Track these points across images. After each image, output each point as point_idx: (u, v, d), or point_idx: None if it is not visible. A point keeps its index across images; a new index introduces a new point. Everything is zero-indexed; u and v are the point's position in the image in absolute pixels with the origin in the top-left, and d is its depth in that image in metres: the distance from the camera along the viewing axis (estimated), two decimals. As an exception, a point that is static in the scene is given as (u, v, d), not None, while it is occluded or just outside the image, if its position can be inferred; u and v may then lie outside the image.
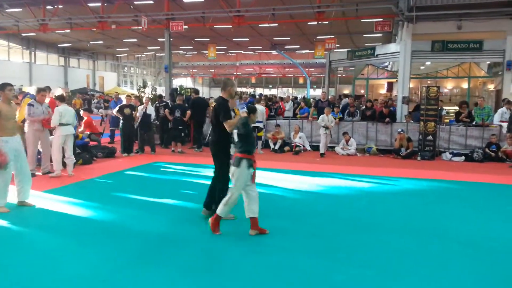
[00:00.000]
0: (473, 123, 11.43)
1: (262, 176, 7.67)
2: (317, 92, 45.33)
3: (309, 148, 12.21)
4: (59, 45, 36.19)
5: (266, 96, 20.31)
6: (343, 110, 12.91)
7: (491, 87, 18.65)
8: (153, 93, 15.67)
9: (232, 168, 4.62)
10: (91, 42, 34.22)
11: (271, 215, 5.50)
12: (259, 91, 50.29)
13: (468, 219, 5.53)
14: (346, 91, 29.37)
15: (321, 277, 3.62)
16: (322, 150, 11.01)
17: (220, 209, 4.64)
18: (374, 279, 3.60)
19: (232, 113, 5.09)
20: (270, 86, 56.59)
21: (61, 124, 7.55)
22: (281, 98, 17.90)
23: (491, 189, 7.49)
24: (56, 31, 25.27)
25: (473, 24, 14.55)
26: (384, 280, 3.59)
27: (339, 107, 13.12)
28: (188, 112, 11.49)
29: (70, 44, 35.82)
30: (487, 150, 10.66)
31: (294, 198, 6.55)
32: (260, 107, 11.17)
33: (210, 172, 5.53)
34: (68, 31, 24.49)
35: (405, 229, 5.03)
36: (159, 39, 28.13)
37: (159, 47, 35.29)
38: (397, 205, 6.21)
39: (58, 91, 13.67)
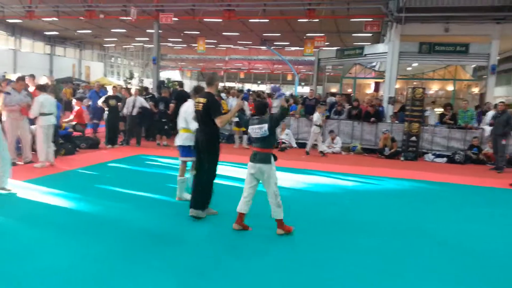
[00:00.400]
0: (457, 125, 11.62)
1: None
2: (305, 90, 45.49)
3: (295, 145, 12.26)
4: (45, 33, 35.50)
5: (254, 91, 20.30)
6: (330, 108, 12.98)
7: (475, 90, 18.97)
8: (140, 85, 15.52)
9: (264, 167, 4.53)
10: (78, 31, 33.65)
11: (253, 212, 5.52)
12: (247, 86, 50.19)
13: (448, 220, 5.63)
14: (333, 90, 29.51)
15: (305, 275, 3.66)
16: (308, 148, 11.04)
17: (278, 213, 4.59)
18: (354, 278, 3.65)
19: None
20: (259, 82, 56.56)
21: (42, 114, 7.42)
22: (269, 95, 17.90)
23: (472, 191, 7.64)
24: (43, 19, 24.77)
25: (460, 27, 14.76)
26: (364, 279, 3.64)
27: (325, 104, 13.19)
28: (171, 105, 11.35)
29: (56, 32, 35.16)
30: (468, 152, 10.86)
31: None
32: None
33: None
34: (55, 19, 24.03)
35: (385, 228, 5.10)
36: (148, 31, 27.82)
37: (147, 39, 34.88)
38: (379, 204, 6.29)
39: (42, 80, 13.43)
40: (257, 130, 4.58)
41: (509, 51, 23.63)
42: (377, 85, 20.79)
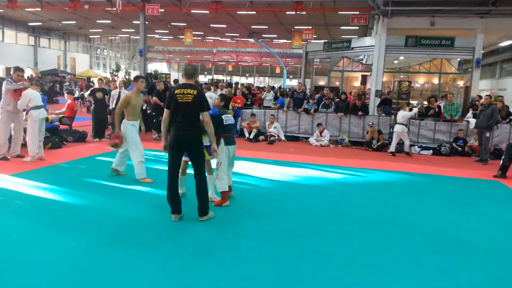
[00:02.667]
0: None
1: (236, 166, 7.71)
2: (293, 82, 45.56)
3: (283, 138, 12.31)
4: (29, 24, 34.76)
5: (242, 84, 20.26)
6: (318, 102, 13.04)
7: (460, 83, 19.26)
8: (127, 77, 15.37)
9: (234, 146, 5.55)
10: (63, 22, 33.04)
11: (243, 203, 5.56)
12: (235, 79, 50.03)
13: (433, 211, 5.74)
14: (321, 83, 29.62)
15: (289, 265, 3.71)
16: (393, 148, 10.68)
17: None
18: (340, 268, 3.72)
19: None
20: (247, 75, 56.41)
21: (34, 108, 7.34)
22: (258, 88, 17.91)
23: (457, 183, 7.79)
24: (26, 9, 24.24)
25: (445, 21, 14.94)
26: (350, 269, 3.71)
27: (314, 98, 13.26)
28: (155, 98, 11.22)
29: (40, 23, 34.46)
30: (454, 144, 11.05)
31: (267, 187, 6.62)
32: (209, 93, 11.37)
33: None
34: (39, 9, 23.54)
35: (373, 219, 5.18)
36: (134, 22, 27.47)
37: (134, 30, 34.45)
38: (367, 196, 6.37)
39: (27, 72, 13.18)
40: (228, 118, 5.48)
41: (493, 45, 24.01)
42: (364, 78, 20.96)
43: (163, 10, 19.52)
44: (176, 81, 14.73)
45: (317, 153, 10.35)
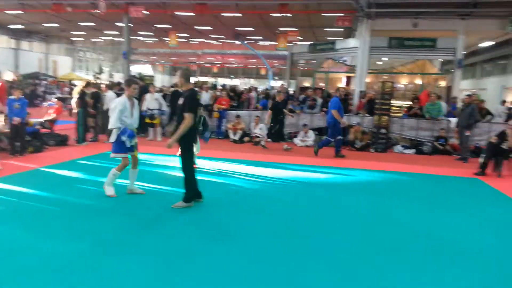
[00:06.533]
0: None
1: (221, 167, 7.70)
2: (279, 84, 45.55)
3: (269, 139, 12.32)
4: (10, 26, 34.11)
5: (230, 86, 20.30)
6: (302, 102, 13.11)
7: (442, 83, 19.58)
8: (111, 80, 15.20)
9: None
10: (45, 25, 32.51)
11: (226, 205, 5.57)
12: (221, 81, 49.93)
13: (416, 208, 5.84)
14: (306, 84, 29.77)
15: (276, 264, 3.72)
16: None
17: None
18: (326, 266, 3.75)
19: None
20: (232, 76, 56.35)
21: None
22: (247, 90, 17.95)
23: (439, 181, 7.92)
24: (7, 11, 23.80)
25: (428, 23, 15.17)
26: (334, 266, 3.75)
27: (297, 100, 13.36)
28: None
29: (22, 26, 33.84)
30: (436, 143, 11.23)
31: (252, 188, 6.63)
32: (156, 95, 11.49)
33: (167, 162, 5.49)
34: (20, 12, 23.13)
35: (356, 218, 5.25)
36: (118, 24, 27.20)
37: (117, 32, 34.09)
38: (350, 195, 6.43)
39: (8, 75, 12.93)
40: None
41: (474, 46, 24.48)
42: (349, 79, 21.14)
43: (147, 12, 19.37)
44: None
45: (302, 153, 10.40)
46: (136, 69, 39.60)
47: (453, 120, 11.16)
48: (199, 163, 7.47)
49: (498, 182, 7.74)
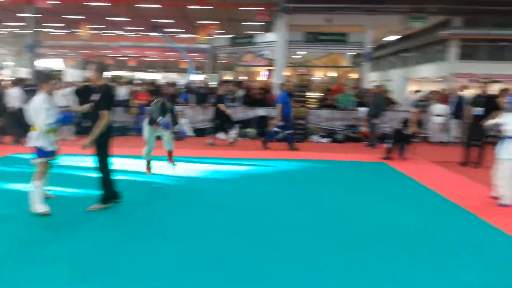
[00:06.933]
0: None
1: (140, 164, 7.52)
2: (201, 78, 45.11)
3: (191, 134, 12.27)
4: None
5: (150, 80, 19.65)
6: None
7: (354, 76, 20.94)
8: (15, 76, 13.97)
9: None
10: None
11: (156, 201, 5.50)
12: (139, 75, 48.04)
13: (332, 192, 6.28)
14: (228, 77, 29.94)
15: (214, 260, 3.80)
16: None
17: None
18: (248, 257, 3.91)
19: None
20: (152, 70, 54.59)
21: None
22: (169, 84, 17.45)
23: (351, 166, 8.58)
24: None
25: (340, 18, 16.12)
26: (251, 259, 3.92)
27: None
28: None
29: None
30: (348, 132, 12.05)
31: (175, 185, 6.59)
32: (66, 91, 10.93)
33: (79, 162, 5.24)
34: None
35: (277, 204, 5.53)
36: (19, 15, 24.94)
37: (22, 23, 31.22)
38: (272, 184, 6.70)
39: None
40: None
41: (381, 40, 26.48)
42: (270, 72, 21.71)
43: (57, 2, 18.03)
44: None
45: (225, 147, 10.51)
46: (44, 63, 36.61)
47: (362, 109, 12.04)
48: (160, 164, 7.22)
49: (402, 165, 8.56)
